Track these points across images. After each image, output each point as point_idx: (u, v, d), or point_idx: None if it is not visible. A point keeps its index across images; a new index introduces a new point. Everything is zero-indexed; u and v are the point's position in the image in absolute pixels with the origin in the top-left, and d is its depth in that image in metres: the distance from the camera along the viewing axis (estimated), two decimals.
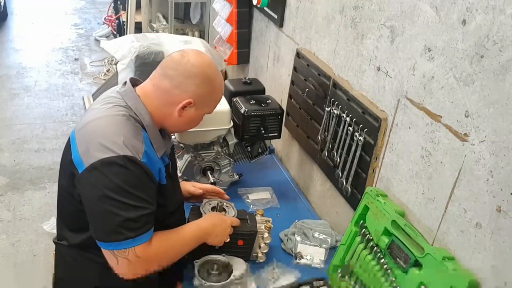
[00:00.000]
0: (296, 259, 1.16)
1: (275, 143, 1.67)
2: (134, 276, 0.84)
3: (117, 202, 0.80)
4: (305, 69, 1.37)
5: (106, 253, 0.83)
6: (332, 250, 1.18)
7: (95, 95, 2.71)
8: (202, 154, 1.32)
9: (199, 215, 1.08)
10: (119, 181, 0.80)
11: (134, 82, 0.96)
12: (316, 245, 1.19)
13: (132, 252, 0.81)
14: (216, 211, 1.09)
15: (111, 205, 0.79)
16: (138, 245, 0.81)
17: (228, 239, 1.02)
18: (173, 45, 1.79)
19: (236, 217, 1.09)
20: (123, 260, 0.82)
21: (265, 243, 1.12)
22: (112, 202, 0.80)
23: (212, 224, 0.99)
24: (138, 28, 3.02)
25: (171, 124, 0.94)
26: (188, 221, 1.05)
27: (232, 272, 1.01)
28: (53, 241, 1.00)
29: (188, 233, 0.95)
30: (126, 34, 3.05)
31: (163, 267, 0.89)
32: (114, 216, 0.79)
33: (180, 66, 0.89)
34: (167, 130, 0.97)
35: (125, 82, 0.94)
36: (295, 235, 1.21)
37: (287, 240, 1.21)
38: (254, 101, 1.32)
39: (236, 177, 1.39)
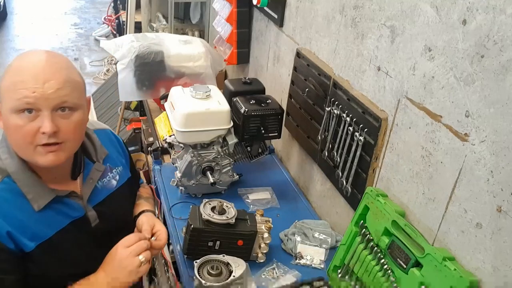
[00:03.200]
0: (296, 259, 1.16)
1: (275, 143, 1.67)
2: None
3: None
4: (305, 69, 1.37)
5: None
6: (332, 250, 1.18)
7: (94, 95, 2.72)
8: (202, 154, 1.32)
9: (199, 216, 1.08)
10: None
11: None
12: (316, 245, 1.19)
13: None
14: (216, 211, 1.09)
15: None
16: None
17: (143, 260, 0.79)
18: (173, 45, 1.79)
19: (236, 217, 1.09)
20: None
21: (265, 243, 1.12)
22: None
23: (108, 271, 0.78)
24: (138, 27, 3.01)
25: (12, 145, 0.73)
26: (188, 220, 1.05)
27: (232, 272, 1.01)
28: None
29: None
30: (126, 33, 3.04)
31: None
32: None
33: None
34: (30, 163, 0.74)
35: None
36: (295, 235, 1.21)
37: (287, 240, 1.21)
38: (254, 101, 1.32)
39: (236, 177, 1.39)
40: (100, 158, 0.86)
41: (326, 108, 1.23)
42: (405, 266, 0.90)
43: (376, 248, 0.97)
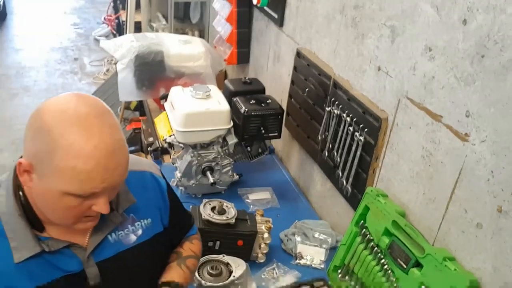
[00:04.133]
0: (296, 259, 1.16)
1: (275, 143, 1.67)
2: None
3: None
4: (305, 69, 1.37)
5: None
6: (332, 250, 1.18)
7: (94, 95, 2.70)
8: (202, 154, 1.32)
9: (199, 216, 1.08)
10: None
11: None
12: (316, 245, 1.19)
13: None
14: (216, 211, 1.09)
15: None
16: None
17: None
18: (173, 44, 1.79)
19: (236, 217, 1.09)
20: None
21: (265, 243, 1.12)
22: None
23: None
24: (137, 27, 3.01)
25: (36, 208, 0.64)
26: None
27: (232, 272, 1.01)
28: None
29: None
30: (126, 33, 3.04)
31: None
32: None
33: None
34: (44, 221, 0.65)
35: None
36: (295, 235, 1.21)
37: (287, 240, 1.21)
38: (254, 101, 1.32)
39: (236, 177, 1.39)
40: (122, 208, 0.72)
41: (326, 108, 1.23)
42: (405, 266, 0.90)
43: (376, 248, 0.97)
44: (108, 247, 0.71)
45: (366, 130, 1.07)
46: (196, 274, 0.99)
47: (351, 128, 1.12)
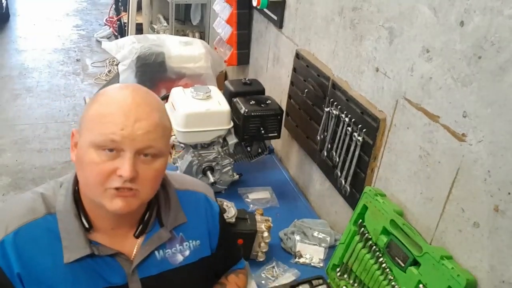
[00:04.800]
0: (295, 258, 1.17)
1: (275, 143, 1.68)
2: None
3: None
4: (304, 70, 1.38)
5: None
6: (331, 249, 1.18)
7: None
8: (203, 154, 1.33)
9: None
10: None
11: None
12: (315, 244, 1.20)
13: None
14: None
15: None
16: None
17: None
18: (174, 46, 1.80)
19: (236, 216, 1.10)
20: None
21: (264, 242, 1.13)
22: None
23: None
24: (139, 29, 3.03)
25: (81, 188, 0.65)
26: None
27: None
28: None
29: None
30: (127, 35, 3.06)
31: None
32: None
33: None
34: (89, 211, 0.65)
35: None
36: (295, 234, 1.22)
37: (287, 239, 1.21)
38: (254, 102, 1.33)
39: (236, 177, 1.40)
40: (171, 225, 0.71)
41: (325, 109, 1.24)
42: (403, 265, 0.90)
43: (374, 247, 0.98)
44: (154, 264, 0.69)
45: (364, 130, 1.08)
46: None
47: (349, 129, 1.13)
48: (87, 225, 0.65)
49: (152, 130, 0.61)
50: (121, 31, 3.79)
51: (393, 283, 0.92)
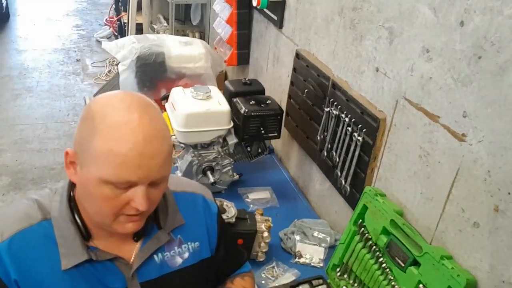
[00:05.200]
0: (295, 258, 1.17)
1: (275, 143, 1.68)
2: None
3: None
4: (304, 70, 1.38)
5: None
6: (331, 249, 1.18)
7: (96, 96, 2.72)
8: (203, 154, 1.33)
9: None
10: None
11: None
12: (315, 244, 1.20)
13: None
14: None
15: None
16: None
17: None
18: (174, 46, 1.80)
19: (236, 216, 1.10)
20: None
21: (264, 242, 1.13)
22: None
23: None
24: (139, 29, 3.03)
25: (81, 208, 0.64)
26: None
27: None
28: None
29: None
30: (127, 35, 3.06)
31: None
32: None
33: None
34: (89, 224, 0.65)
35: None
36: (295, 234, 1.22)
37: (287, 239, 1.21)
38: (254, 102, 1.33)
39: (236, 177, 1.40)
40: (169, 227, 0.70)
41: (325, 109, 1.24)
42: (403, 265, 0.90)
43: (374, 247, 0.98)
44: (153, 268, 0.69)
45: (364, 130, 1.08)
46: None
47: (349, 129, 1.13)
48: (84, 231, 0.65)
49: (165, 162, 0.61)
50: (121, 31, 3.79)
51: (393, 283, 0.92)
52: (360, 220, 1.03)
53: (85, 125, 0.60)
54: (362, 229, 1.02)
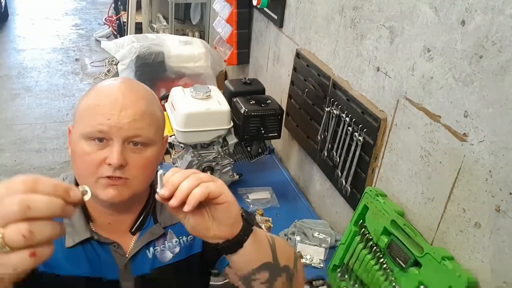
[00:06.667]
0: None
1: (275, 143, 1.68)
2: None
3: None
4: (304, 70, 1.38)
5: None
6: (331, 249, 1.18)
7: None
8: (202, 154, 1.33)
9: None
10: None
11: None
12: (316, 245, 1.19)
13: None
14: None
15: None
16: None
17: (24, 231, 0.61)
18: (173, 45, 1.79)
19: None
20: None
21: None
22: None
23: None
24: (138, 28, 3.02)
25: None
26: None
27: None
28: None
29: None
30: (127, 34, 3.05)
31: None
32: None
33: None
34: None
35: None
36: (295, 234, 1.21)
37: (287, 239, 1.21)
38: (254, 101, 1.33)
39: (236, 177, 1.40)
40: (166, 223, 0.71)
41: (326, 108, 1.23)
42: (404, 266, 0.90)
43: (375, 247, 0.98)
44: (146, 262, 0.70)
45: (365, 130, 1.08)
46: None
47: (350, 128, 1.13)
48: (92, 218, 0.67)
49: (138, 119, 0.63)
50: (120, 31, 3.78)
51: (394, 283, 0.92)
52: (361, 221, 1.03)
53: (80, 99, 0.67)
54: (363, 229, 1.01)
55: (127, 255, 0.68)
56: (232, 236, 0.57)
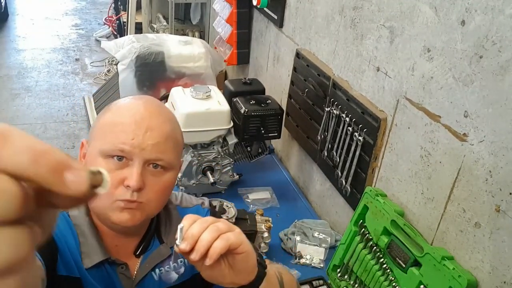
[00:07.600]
0: (296, 258, 1.17)
1: (275, 143, 1.68)
2: None
3: None
4: (304, 70, 1.38)
5: None
6: (331, 249, 1.18)
7: (95, 95, 2.73)
8: (202, 154, 1.33)
9: None
10: None
11: None
12: (316, 245, 1.19)
13: None
14: (217, 210, 1.10)
15: None
16: None
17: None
18: (173, 45, 1.79)
19: (236, 217, 1.10)
20: None
21: (265, 242, 1.13)
22: None
23: None
24: (138, 28, 3.02)
25: None
26: None
27: None
28: None
29: None
30: (127, 34, 3.05)
31: None
32: None
33: None
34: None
35: None
36: (295, 234, 1.21)
37: (287, 239, 1.21)
38: (254, 101, 1.33)
39: (236, 177, 1.40)
40: (170, 242, 0.68)
41: (326, 109, 1.23)
42: (404, 266, 0.90)
43: (375, 247, 0.98)
44: (152, 285, 0.67)
45: (365, 130, 1.08)
46: None
47: (350, 128, 1.13)
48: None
49: (162, 141, 0.60)
50: (120, 31, 3.78)
51: (394, 283, 0.92)
52: (361, 221, 1.03)
53: (100, 114, 0.64)
54: (363, 229, 1.01)
55: (133, 278, 0.66)
56: (248, 282, 0.56)
